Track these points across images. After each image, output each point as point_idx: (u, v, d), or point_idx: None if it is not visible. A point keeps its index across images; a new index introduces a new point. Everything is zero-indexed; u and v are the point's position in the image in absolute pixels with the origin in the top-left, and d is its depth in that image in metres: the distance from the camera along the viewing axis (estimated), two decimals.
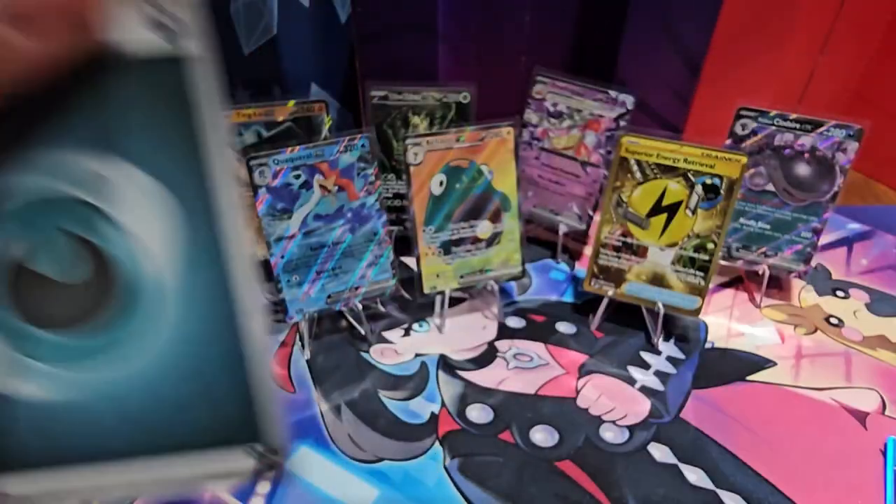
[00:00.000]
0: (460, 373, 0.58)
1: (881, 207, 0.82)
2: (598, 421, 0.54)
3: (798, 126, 0.60)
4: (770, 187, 0.63)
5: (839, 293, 0.68)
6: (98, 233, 0.21)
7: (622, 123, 0.66)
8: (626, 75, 0.71)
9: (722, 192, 0.55)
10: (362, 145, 0.56)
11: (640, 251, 0.59)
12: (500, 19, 0.72)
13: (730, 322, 0.64)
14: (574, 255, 0.73)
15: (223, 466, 0.24)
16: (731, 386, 0.57)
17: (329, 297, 0.59)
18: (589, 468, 0.50)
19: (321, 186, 0.56)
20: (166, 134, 0.20)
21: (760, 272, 0.65)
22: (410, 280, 0.65)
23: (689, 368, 0.59)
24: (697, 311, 0.59)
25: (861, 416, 0.54)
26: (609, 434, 0.53)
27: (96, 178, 0.20)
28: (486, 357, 0.60)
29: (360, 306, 0.61)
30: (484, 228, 0.61)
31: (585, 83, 0.66)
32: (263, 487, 0.49)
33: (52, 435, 0.22)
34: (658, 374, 0.58)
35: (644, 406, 0.55)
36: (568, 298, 0.67)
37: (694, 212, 0.57)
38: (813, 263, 0.64)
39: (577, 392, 0.56)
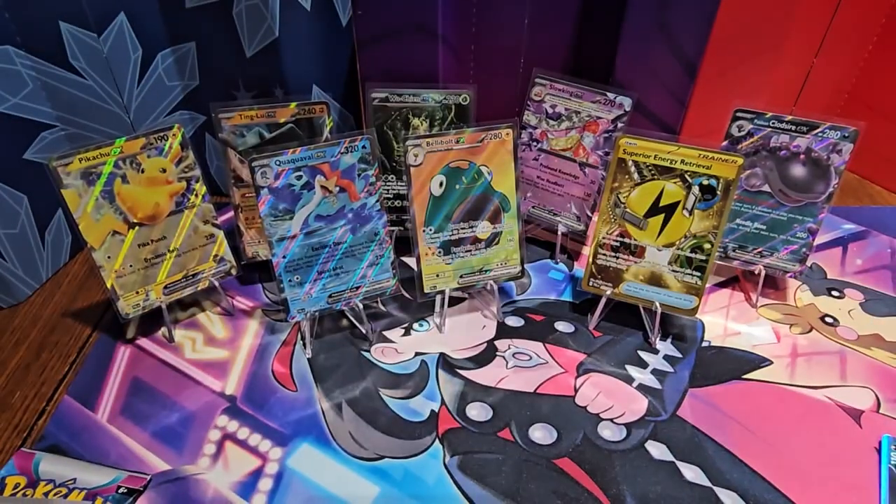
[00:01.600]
0: (460, 371, 0.59)
1: (875, 208, 0.82)
2: (597, 419, 0.54)
3: (793, 128, 0.61)
4: (766, 188, 0.63)
5: (834, 293, 0.69)
6: None
7: (620, 125, 0.66)
8: (623, 77, 0.71)
9: (718, 192, 0.56)
10: (363, 146, 0.57)
11: (637, 251, 0.60)
12: (499, 22, 0.73)
13: (726, 321, 0.65)
14: (572, 256, 0.74)
15: None
16: (727, 384, 0.58)
17: (330, 296, 0.60)
18: (587, 465, 0.50)
19: (322, 187, 0.56)
20: None
21: (756, 272, 0.66)
22: (411, 280, 0.66)
23: (686, 367, 0.59)
24: (694, 311, 0.60)
25: (856, 414, 0.55)
26: (607, 432, 0.53)
27: None
28: (486, 356, 0.60)
29: (360, 306, 0.61)
30: (483, 229, 0.62)
31: (584, 85, 0.67)
32: (265, 485, 0.49)
33: None
34: (655, 372, 0.59)
35: (641, 404, 0.56)
36: (566, 298, 0.68)
37: (691, 212, 0.57)
38: (808, 263, 0.65)
39: (576, 390, 0.57)
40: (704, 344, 0.62)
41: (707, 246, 0.58)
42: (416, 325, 0.64)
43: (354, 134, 0.56)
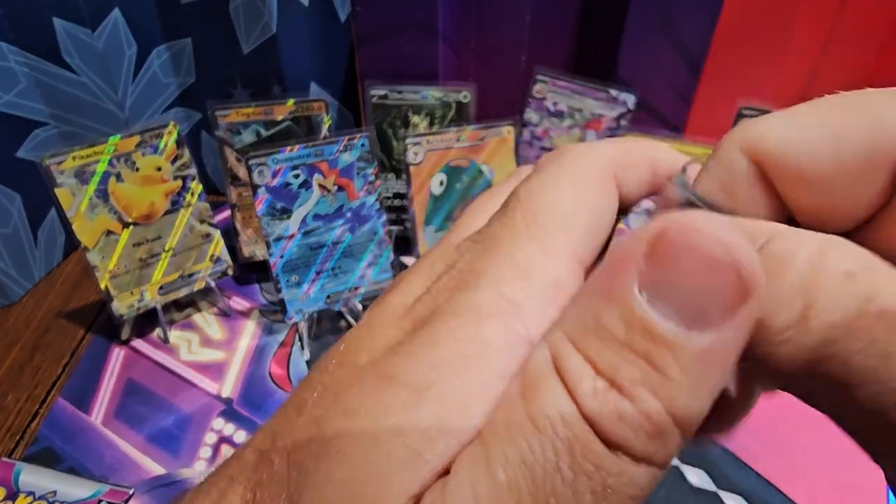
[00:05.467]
0: None
1: None
2: None
3: None
4: None
5: None
6: None
7: (623, 123, 0.65)
8: (626, 74, 0.70)
9: None
10: (362, 145, 0.56)
11: None
12: (500, 18, 0.72)
13: None
14: None
15: None
16: None
17: (328, 297, 0.59)
18: None
19: (320, 186, 0.55)
20: None
21: None
22: None
23: None
24: None
25: None
26: None
27: None
28: None
29: (359, 306, 0.60)
30: None
31: (586, 82, 0.66)
32: None
33: None
34: None
35: None
36: None
37: None
38: None
39: None
40: None
41: None
42: None
43: (353, 132, 0.55)
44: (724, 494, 0.48)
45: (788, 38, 0.76)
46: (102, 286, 0.56)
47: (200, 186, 0.60)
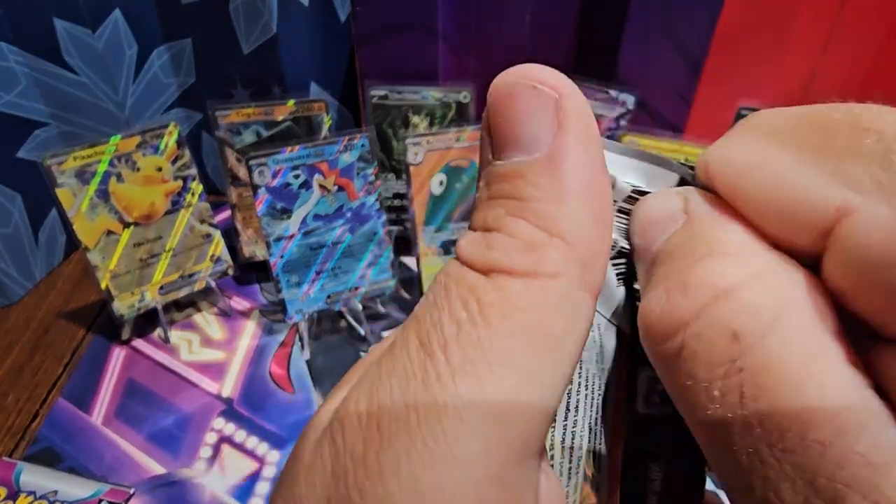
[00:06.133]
0: None
1: None
2: None
3: None
4: None
5: None
6: None
7: (623, 123, 0.65)
8: (626, 75, 0.70)
9: None
10: (362, 145, 0.56)
11: None
12: (500, 19, 0.72)
13: None
14: None
15: None
16: None
17: (328, 297, 0.59)
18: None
19: (321, 186, 0.55)
20: None
21: None
22: (410, 280, 0.65)
23: None
24: None
25: None
26: None
27: None
28: None
29: (359, 306, 0.60)
30: None
31: (586, 82, 0.66)
32: (263, 488, 0.48)
33: None
34: None
35: None
36: None
37: None
38: None
39: None
40: None
41: None
42: None
43: (353, 132, 0.55)
44: (724, 494, 0.48)
45: (788, 38, 0.76)
46: (103, 286, 0.56)
47: (201, 187, 0.60)
